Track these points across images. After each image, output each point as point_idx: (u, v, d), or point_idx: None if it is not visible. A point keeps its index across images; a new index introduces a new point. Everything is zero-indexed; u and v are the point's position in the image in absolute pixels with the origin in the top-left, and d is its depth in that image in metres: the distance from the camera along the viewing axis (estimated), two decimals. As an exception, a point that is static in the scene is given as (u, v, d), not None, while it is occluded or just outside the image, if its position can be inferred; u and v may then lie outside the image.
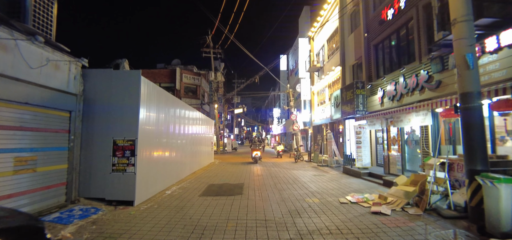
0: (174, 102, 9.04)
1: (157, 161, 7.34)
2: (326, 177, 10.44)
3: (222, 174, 11.29)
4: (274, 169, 12.95)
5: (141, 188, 6.20)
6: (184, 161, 10.21)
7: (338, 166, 13.96)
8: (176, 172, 9.19)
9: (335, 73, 16.98)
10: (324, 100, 19.61)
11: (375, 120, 10.54)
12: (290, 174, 11.34)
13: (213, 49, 28.89)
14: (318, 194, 7.18)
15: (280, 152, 21.15)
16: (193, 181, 9.36)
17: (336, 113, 14.61)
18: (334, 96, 14.93)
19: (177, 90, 30.70)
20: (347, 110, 12.93)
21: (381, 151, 11.69)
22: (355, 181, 9.49)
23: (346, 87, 13.21)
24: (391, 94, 10.05)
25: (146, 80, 6.57)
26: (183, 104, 10.41)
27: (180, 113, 9.77)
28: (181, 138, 9.86)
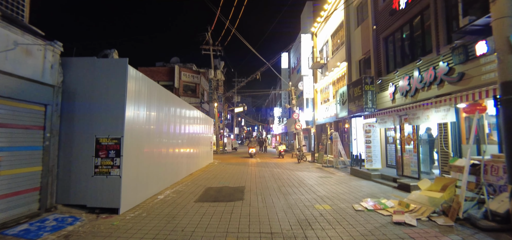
0: (169, 98, 8.27)
1: (149, 162, 6.57)
2: (333, 179, 9.67)
3: (221, 175, 10.53)
4: (276, 170, 12.19)
5: (128, 193, 5.44)
6: (180, 162, 9.45)
7: (344, 167, 13.20)
8: (171, 174, 8.42)
9: (340, 70, 16.20)
10: (328, 98, 18.83)
11: (386, 118, 9.77)
12: (294, 175, 10.57)
13: (213, 46, 28.13)
14: (328, 200, 6.40)
15: (281, 152, 20.39)
16: (189, 184, 8.59)
17: (342, 111, 13.83)
18: (340, 93, 14.15)
19: (176, 88, 29.94)
20: (355, 107, 12.16)
21: (391, 151, 10.92)
22: (366, 184, 8.71)
23: (354, 83, 12.44)
24: (404, 89, 9.28)
25: (136, 70, 5.81)
26: (179, 100, 9.65)
27: (176, 111, 9.01)
28: (176, 137, 9.10)
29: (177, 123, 9.20)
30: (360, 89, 11.52)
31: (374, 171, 9.95)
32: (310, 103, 22.42)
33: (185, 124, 10.42)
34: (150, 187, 6.67)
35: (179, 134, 9.50)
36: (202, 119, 13.99)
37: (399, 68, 9.70)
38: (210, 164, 15.01)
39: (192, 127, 11.57)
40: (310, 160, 16.78)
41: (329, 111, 18.05)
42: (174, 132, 8.82)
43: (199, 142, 13.16)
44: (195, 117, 12.23)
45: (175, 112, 8.87)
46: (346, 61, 15.03)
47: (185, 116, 10.28)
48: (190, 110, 11.45)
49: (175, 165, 8.91)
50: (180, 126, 9.51)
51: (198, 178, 9.86)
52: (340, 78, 16.57)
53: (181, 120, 9.63)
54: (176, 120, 9.09)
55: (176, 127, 9.01)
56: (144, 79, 6.23)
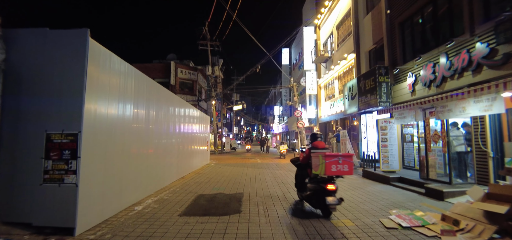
0: (152, 87, 6.99)
1: (123, 165, 5.29)
2: (344, 183, 8.40)
3: (216, 179, 9.24)
4: (279, 172, 10.91)
5: (89, 206, 4.15)
6: (168, 163, 8.16)
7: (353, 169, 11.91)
8: (156, 178, 7.14)
9: (347, 63, 14.94)
10: (333, 94, 17.57)
11: (405, 113, 8.50)
12: (300, 179, 9.29)
13: (210, 41, 26.85)
14: (347, 212, 5.13)
15: (283, 152, 19.10)
16: (178, 190, 7.31)
17: (351, 107, 12.56)
18: (348, 87, 12.88)
19: (172, 85, 28.61)
20: (366, 102, 10.88)
21: (409, 150, 9.67)
22: (385, 189, 7.45)
23: (365, 75, 11.16)
24: (427, 79, 8.01)
25: (102, 47, 4.54)
26: (167, 92, 8.36)
27: (163, 104, 7.73)
28: (165, 136, 7.82)
29: (165, 119, 7.93)
30: (373, 81, 10.25)
31: (390, 173, 8.69)
32: (313, 100, 21.16)
33: (177, 121, 9.14)
34: (126, 196, 5.38)
35: (169, 133, 8.22)
36: (197, 117, 12.71)
37: (422, 55, 8.42)
38: (205, 166, 13.72)
39: (185, 125, 10.28)
40: (314, 161, 15.50)
41: (334, 108, 16.78)
42: (160, 130, 7.55)
43: (194, 141, 11.87)
44: (189, 114, 10.94)
45: (162, 106, 7.59)
46: (354, 53, 13.76)
47: (175, 110, 9.00)
48: (183, 106, 10.17)
49: (162, 168, 7.63)
50: (168, 122, 8.24)
51: (189, 182, 8.57)
52: (347, 71, 15.30)
53: (170, 116, 8.35)
54: (164, 115, 7.82)
55: (163, 124, 7.73)
56: (113, 58, 4.94)
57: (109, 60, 4.75)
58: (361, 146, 12.87)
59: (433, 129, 7.48)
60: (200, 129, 13.35)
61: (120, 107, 5.13)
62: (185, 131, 10.38)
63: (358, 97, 11.66)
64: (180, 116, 9.63)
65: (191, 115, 11.42)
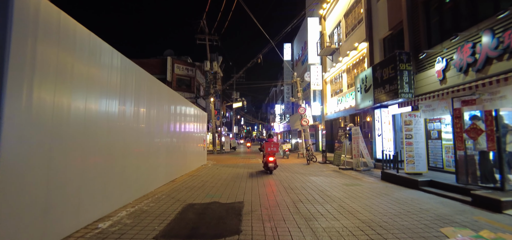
0: (130, 70, 5.67)
1: (83, 170, 3.96)
2: (364, 188, 7.08)
3: (212, 183, 7.92)
4: (285, 175, 9.58)
5: (19, 230, 2.83)
6: (154, 165, 6.84)
7: (366, 170, 10.61)
8: (136, 183, 5.81)
9: (357, 53, 13.61)
10: (341, 89, 16.24)
11: (435, 104, 7.18)
12: (310, 182, 7.97)
13: (209, 35, 25.52)
14: (384, 230, 3.79)
15: (286, 151, 17.79)
16: (163, 197, 5.99)
17: (365, 101, 11.23)
18: (361, 78, 11.55)
19: (169, 82, 27.29)
20: (384, 94, 9.55)
21: (436, 148, 8.34)
22: (416, 195, 6.11)
23: (382, 64, 9.82)
24: (463, 62, 6.69)
25: (50, 4, 3.22)
26: (152, 79, 7.02)
27: (146, 95, 6.41)
28: (148, 133, 6.50)
29: (152, 116, 6.61)
30: (393, 69, 8.91)
31: (416, 176, 7.36)
32: (317, 96, 19.83)
33: (167, 118, 7.83)
34: (87, 209, 4.05)
35: (156, 131, 6.91)
36: (192, 113, 11.39)
37: (459, 33, 7.07)
38: (201, 167, 12.40)
39: (177, 122, 8.96)
40: (321, 161, 14.18)
41: (342, 103, 15.45)
42: (147, 128, 6.23)
43: (188, 140, 10.55)
44: (182, 109, 9.62)
45: (144, 96, 6.27)
46: (366, 41, 12.43)
47: (166, 107, 7.69)
48: (175, 101, 8.85)
49: (145, 171, 6.30)
50: (158, 120, 6.92)
51: (180, 187, 7.25)
52: (358, 62, 13.97)
53: (159, 112, 7.03)
54: (151, 110, 6.50)
55: (150, 121, 6.42)
56: (69, 22, 3.61)
57: (56, 26, 3.42)
58: (375, 144, 11.54)
59: (468, 123, 6.14)
60: (195, 127, 12.03)
61: (78, 95, 3.80)
62: (178, 129, 9.06)
63: (373, 89, 10.33)
64: (171, 112, 8.30)
65: (185, 111, 10.09)
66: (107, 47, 4.67)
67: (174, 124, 8.66)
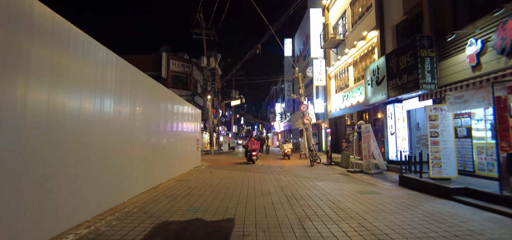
0: (88, 47, 4.43)
1: (20, 172, 2.73)
2: (383, 197, 5.84)
3: (201, 190, 6.69)
4: (286, 179, 8.35)
5: None
6: (126, 171, 5.60)
7: (378, 173, 9.37)
8: (98, 194, 4.58)
9: (365, 44, 12.36)
10: (346, 83, 14.98)
11: (469, 95, 5.93)
12: (317, 189, 6.73)
13: (206, 30, 24.28)
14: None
15: (287, 152, 16.46)
16: (134, 211, 4.75)
17: (376, 94, 9.98)
18: (371, 70, 10.30)
19: (164, 79, 26.03)
20: (400, 86, 8.31)
21: (464, 149, 7.09)
22: (452, 208, 4.87)
23: (398, 51, 8.57)
24: (507, 42, 5.44)
25: None
26: (125, 65, 5.77)
27: (116, 84, 5.18)
28: (116, 131, 5.27)
29: (122, 110, 5.38)
30: (412, 57, 7.67)
31: (445, 181, 6.13)
32: (321, 92, 18.59)
33: (146, 113, 6.60)
34: (12, 234, 2.82)
35: (129, 129, 5.68)
36: (183, 111, 10.16)
37: (504, 5, 5.82)
38: (194, 169, 11.17)
39: (162, 118, 7.74)
40: (326, 163, 12.94)
41: (348, 99, 14.21)
42: (115, 124, 5.00)
43: (177, 140, 9.32)
44: (169, 106, 8.39)
45: (119, 87, 5.04)
46: (376, 29, 11.19)
47: (146, 100, 6.45)
48: (158, 93, 7.62)
49: (113, 178, 5.07)
50: (132, 116, 5.69)
51: (160, 196, 6.02)
52: (366, 54, 12.72)
53: (134, 105, 5.80)
54: (120, 103, 5.27)
55: (120, 115, 5.19)
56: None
57: None
58: (387, 144, 10.30)
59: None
60: (187, 126, 10.80)
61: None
62: (163, 128, 7.83)
63: (387, 81, 9.09)
64: (153, 108, 7.06)
65: (173, 108, 8.85)
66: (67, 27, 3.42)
67: (158, 122, 7.43)
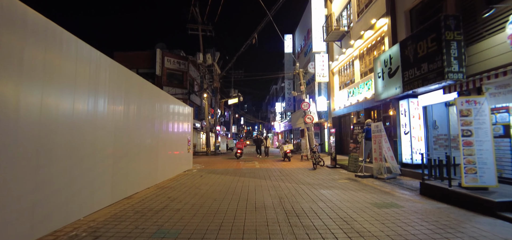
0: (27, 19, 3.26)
1: None
2: (407, 212, 4.65)
3: (182, 202, 5.51)
4: (286, 187, 7.16)
5: None
6: (88, 179, 4.42)
7: (391, 178, 8.18)
8: (31, 213, 3.40)
9: (374, 33, 11.16)
10: (352, 79, 13.78)
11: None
12: (323, 201, 5.53)
13: (202, 25, 23.12)
14: None
15: (287, 153, 15.24)
16: (83, 236, 3.58)
17: (389, 88, 8.78)
18: (382, 60, 9.10)
19: (158, 76, 24.85)
20: (419, 77, 7.11)
21: (500, 151, 5.88)
22: (507, 232, 3.67)
23: (416, 36, 7.36)
24: None
25: None
26: (82, 45, 4.59)
27: (71, 75, 4.00)
28: (74, 131, 4.09)
29: (79, 108, 4.21)
30: (434, 41, 6.47)
31: (483, 192, 4.94)
32: (323, 89, 17.39)
33: (117, 108, 5.43)
34: None
35: (96, 126, 4.51)
36: (168, 107, 8.98)
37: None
38: (183, 173, 9.99)
39: (140, 115, 6.57)
40: (330, 165, 11.74)
41: (354, 96, 13.01)
42: (68, 121, 3.83)
43: (160, 140, 8.14)
44: (150, 100, 7.22)
45: (75, 74, 3.86)
46: (386, 16, 9.99)
47: (116, 90, 5.28)
48: (131, 84, 6.44)
49: (67, 187, 3.89)
50: (95, 110, 4.52)
51: (129, 210, 4.84)
52: (375, 45, 11.51)
53: (97, 100, 4.63)
54: (88, 96, 4.10)
55: (78, 114, 4.02)
56: None
57: None
58: (400, 145, 9.10)
59: None
60: (175, 125, 9.62)
61: None
62: (142, 127, 6.65)
63: (402, 72, 7.89)
64: (124, 101, 5.88)
65: (154, 103, 7.67)
66: None
67: (133, 120, 6.25)
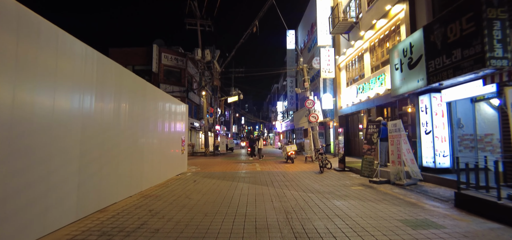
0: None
1: None
2: (452, 237, 3.57)
3: (163, 219, 4.46)
4: (292, 196, 6.09)
5: None
6: (39, 191, 3.37)
7: (412, 184, 7.10)
8: None
9: (387, 22, 10.06)
10: (362, 74, 12.69)
11: None
12: (340, 217, 4.46)
13: (200, 19, 22.05)
14: None
15: (290, 155, 14.12)
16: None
17: (409, 81, 7.69)
18: (400, 50, 8.01)
19: (155, 73, 23.81)
20: (449, 66, 6.01)
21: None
22: None
23: (446, 18, 6.23)
24: None
25: None
26: (45, 25, 3.54)
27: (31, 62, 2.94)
28: (16, 127, 3.04)
29: (51, 98, 3.16)
30: (472, 21, 5.38)
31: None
32: (329, 86, 16.30)
33: (87, 104, 4.39)
34: None
35: (51, 123, 3.47)
36: (156, 104, 7.93)
37: None
38: (175, 178, 8.93)
39: (120, 111, 5.52)
40: (338, 168, 10.66)
41: (364, 92, 11.91)
42: (23, 117, 2.80)
43: (147, 140, 7.09)
44: (132, 91, 6.17)
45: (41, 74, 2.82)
46: (403, 2, 8.90)
47: (87, 84, 4.24)
48: (109, 75, 5.38)
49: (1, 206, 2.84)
50: (64, 104, 3.48)
51: (94, 231, 3.80)
52: (388, 35, 10.41)
53: (75, 90, 3.59)
54: (43, 86, 3.05)
55: (44, 107, 2.98)
56: None
57: None
58: (420, 146, 8.02)
59: None
60: (166, 124, 8.56)
61: None
62: (122, 125, 5.59)
63: (426, 62, 6.80)
64: (97, 87, 4.82)
65: (139, 96, 6.62)
66: None
67: (109, 117, 5.19)
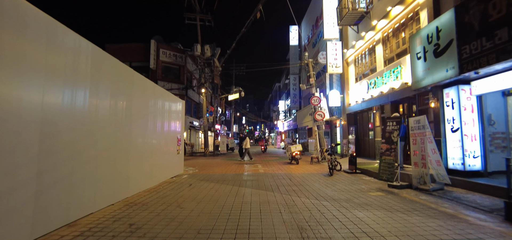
0: None
1: None
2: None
3: (146, 235, 3.54)
4: (303, 205, 5.15)
5: None
6: None
7: (438, 189, 6.16)
8: None
9: (403, 9, 9.09)
10: (373, 68, 11.73)
11: None
12: (372, 239, 3.52)
13: (200, 14, 21.16)
14: None
15: (295, 155, 13.14)
16: None
17: (434, 72, 6.73)
18: (424, 36, 7.05)
19: (153, 70, 22.91)
20: (489, 50, 5.06)
21: None
22: None
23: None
24: None
25: None
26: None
27: None
28: None
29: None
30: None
31: None
32: (336, 82, 15.34)
33: (52, 96, 3.49)
34: None
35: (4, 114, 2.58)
36: (150, 98, 7.01)
37: None
38: (168, 181, 8.02)
39: (96, 102, 4.62)
40: (348, 170, 9.71)
41: (377, 87, 10.96)
42: None
43: (133, 140, 6.19)
44: (115, 82, 5.26)
45: None
46: (424, -16, 7.93)
47: (45, 69, 3.34)
48: (85, 51, 4.47)
49: None
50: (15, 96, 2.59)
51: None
52: (404, 23, 9.44)
53: (32, 78, 2.70)
54: None
55: None
56: None
57: None
58: (445, 145, 7.06)
59: None
60: (158, 120, 7.64)
61: None
62: (100, 118, 4.68)
63: (459, 47, 5.84)
64: (69, 74, 3.91)
65: (125, 89, 5.70)
66: None
67: (82, 112, 4.28)
